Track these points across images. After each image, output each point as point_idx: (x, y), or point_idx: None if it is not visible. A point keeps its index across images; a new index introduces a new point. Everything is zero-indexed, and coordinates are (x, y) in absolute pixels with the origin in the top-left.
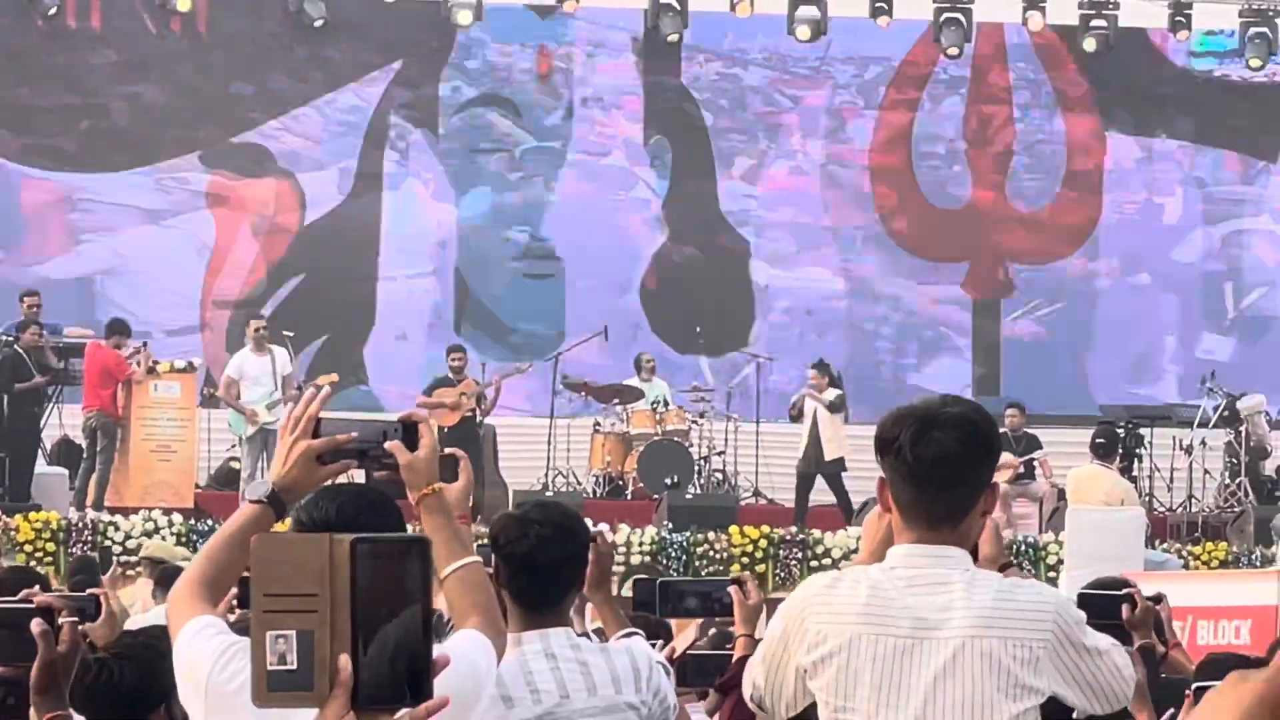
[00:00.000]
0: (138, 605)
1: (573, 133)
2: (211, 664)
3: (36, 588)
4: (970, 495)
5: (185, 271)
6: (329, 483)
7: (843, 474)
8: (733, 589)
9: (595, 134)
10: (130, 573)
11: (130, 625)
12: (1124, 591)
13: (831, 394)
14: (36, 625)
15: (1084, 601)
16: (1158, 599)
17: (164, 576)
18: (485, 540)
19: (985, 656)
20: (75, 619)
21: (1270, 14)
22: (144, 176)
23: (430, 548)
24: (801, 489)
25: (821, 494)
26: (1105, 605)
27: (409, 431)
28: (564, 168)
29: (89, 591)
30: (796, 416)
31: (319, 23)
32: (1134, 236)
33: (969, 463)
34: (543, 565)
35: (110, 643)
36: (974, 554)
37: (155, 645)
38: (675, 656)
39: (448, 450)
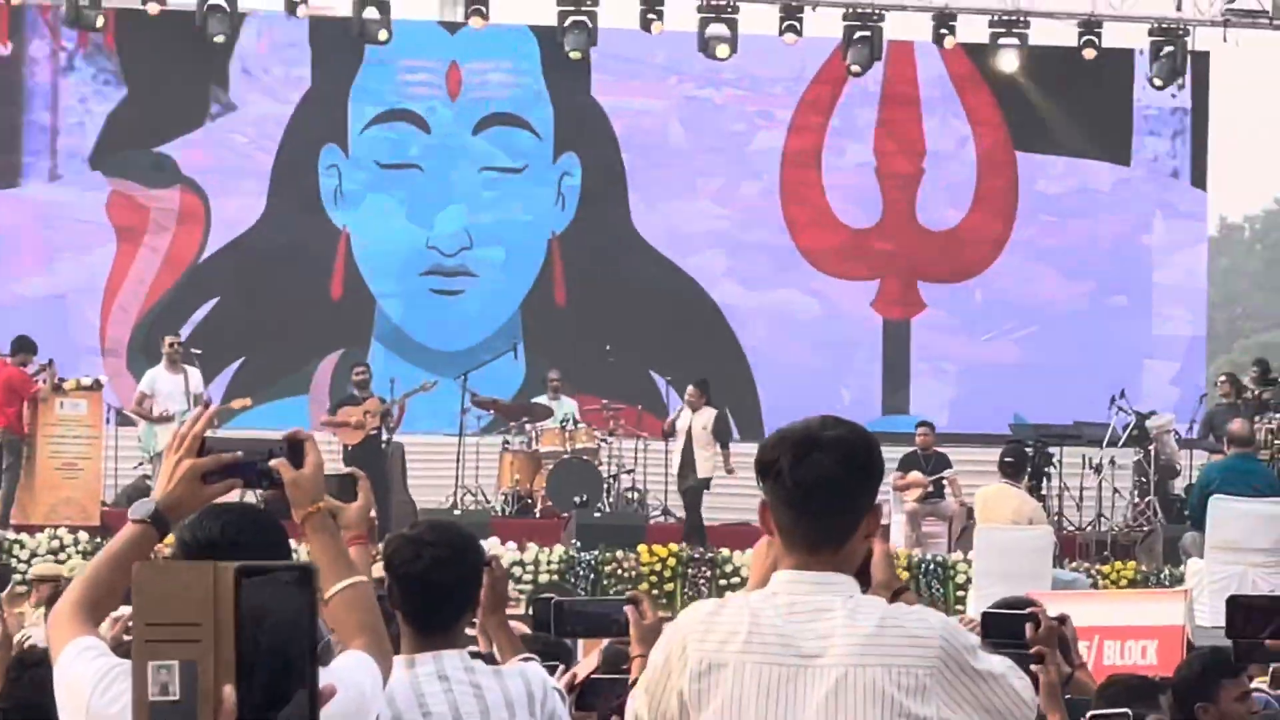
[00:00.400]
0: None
1: (482, 149)
2: (92, 687)
3: None
4: (852, 519)
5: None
6: (215, 501)
7: (705, 492)
8: (628, 608)
9: (505, 150)
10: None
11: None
12: (1027, 611)
13: (709, 414)
14: None
15: (987, 621)
16: (1062, 619)
17: (54, 596)
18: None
19: (869, 685)
20: None
21: (1180, 33)
22: (52, 191)
23: (316, 575)
24: (693, 505)
25: (721, 511)
26: (1009, 625)
27: (294, 449)
28: (473, 184)
29: None
30: (670, 433)
31: (219, 38)
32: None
33: (850, 486)
34: (436, 585)
35: (7, 679)
36: (864, 578)
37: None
38: (577, 682)
39: (347, 470)
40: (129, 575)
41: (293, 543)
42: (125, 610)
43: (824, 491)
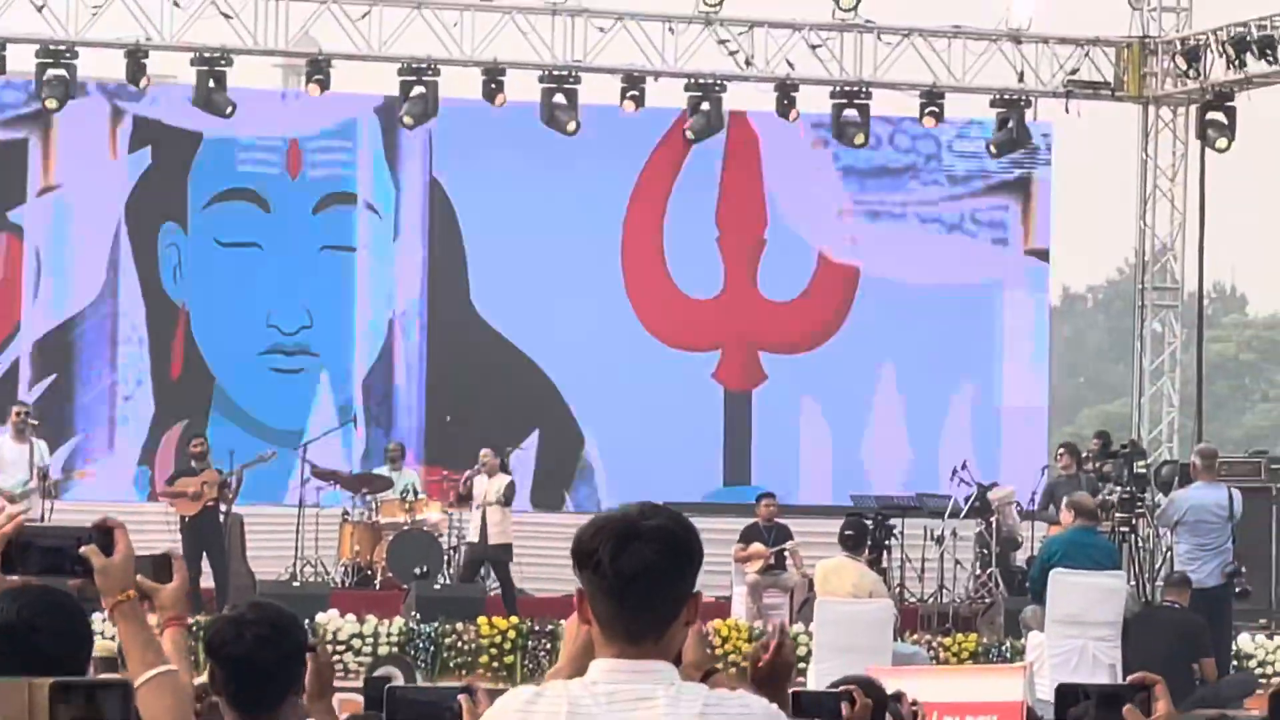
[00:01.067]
0: None
1: (323, 227)
2: None
3: None
4: (673, 608)
5: None
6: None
7: (510, 563)
8: (462, 697)
9: (345, 228)
10: None
11: None
12: (841, 689)
13: (503, 480)
14: None
15: (800, 700)
16: (897, 697)
17: None
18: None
19: None
20: None
21: (1021, 103)
22: None
23: (132, 693)
24: (469, 571)
25: (549, 582)
26: (824, 703)
27: (104, 537)
28: (314, 262)
29: None
30: (465, 496)
31: (52, 103)
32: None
33: (671, 575)
34: (259, 666)
35: None
36: (679, 660)
37: None
38: None
39: (161, 550)
40: None
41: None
42: None
43: (645, 582)
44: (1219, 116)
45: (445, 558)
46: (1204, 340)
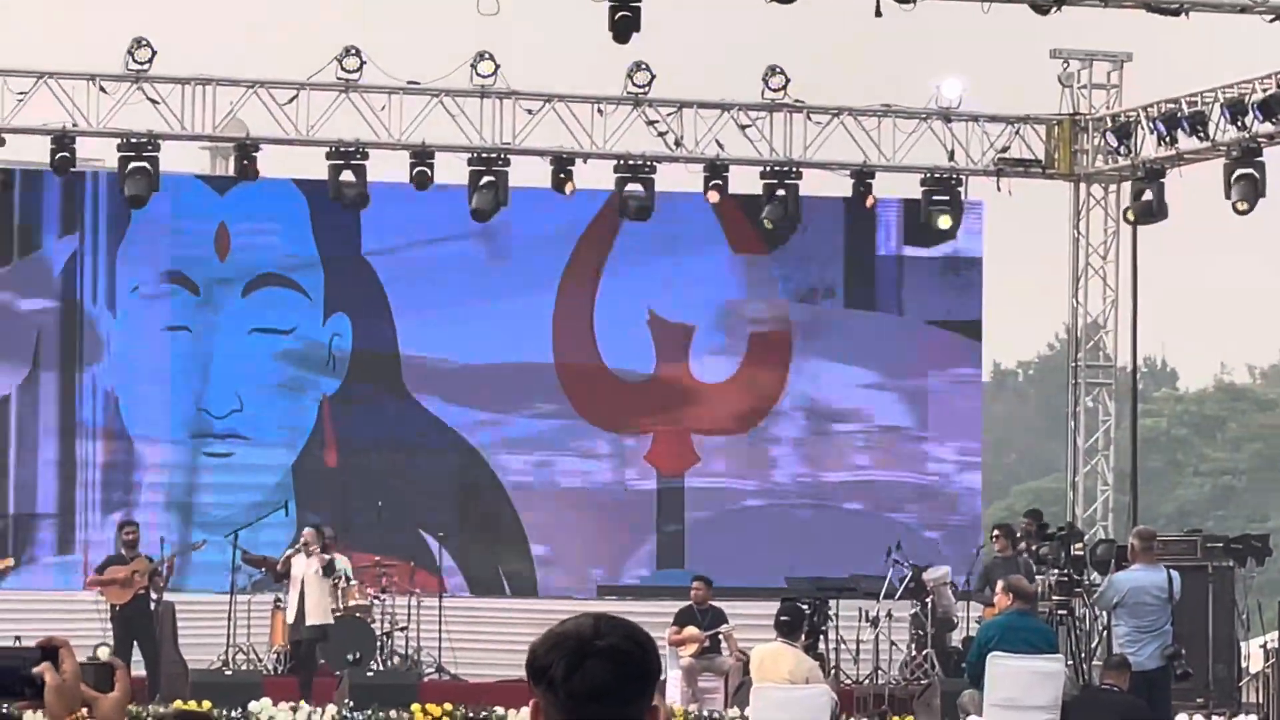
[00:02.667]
0: None
1: (252, 311)
2: None
3: None
4: None
5: None
6: None
7: (319, 643)
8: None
9: (275, 312)
10: None
11: None
12: None
13: (325, 557)
14: None
15: None
16: None
17: None
18: None
19: None
20: None
21: (953, 182)
22: None
23: None
24: (295, 655)
25: (492, 667)
26: None
27: (49, 656)
28: (244, 346)
29: None
30: (283, 575)
31: None
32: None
33: (626, 695)
34: None
35: None
36: None
37: None
38: None
39: (105, 659)
40: None
41: None
42: None
43: (599, 703)
44: (1150, 193)
45: (378, 644)
46: (1137, 416)
